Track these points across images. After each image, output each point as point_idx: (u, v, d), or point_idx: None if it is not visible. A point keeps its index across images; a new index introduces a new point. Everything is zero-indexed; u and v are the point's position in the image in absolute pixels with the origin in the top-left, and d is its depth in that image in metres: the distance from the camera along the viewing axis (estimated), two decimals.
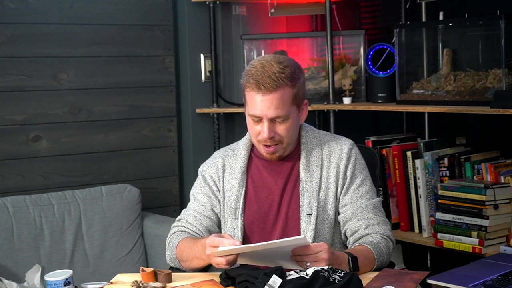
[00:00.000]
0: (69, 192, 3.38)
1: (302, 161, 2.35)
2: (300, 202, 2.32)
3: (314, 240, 2.26)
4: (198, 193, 2.43)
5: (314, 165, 2.34)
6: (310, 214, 2.29)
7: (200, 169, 2.47)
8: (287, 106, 2.26)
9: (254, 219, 2.35)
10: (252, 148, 2.42)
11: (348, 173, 2.35)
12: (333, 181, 2.33)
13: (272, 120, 2.26)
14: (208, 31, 3.77)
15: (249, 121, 2.33)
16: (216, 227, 2.41)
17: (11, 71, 3.36)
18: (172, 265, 2.38)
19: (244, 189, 2.37)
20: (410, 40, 3.39)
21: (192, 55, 3.80)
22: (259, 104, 2.25)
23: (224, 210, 2.38)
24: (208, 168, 2.44)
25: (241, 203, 2.36)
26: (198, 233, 2.38)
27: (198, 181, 2.46)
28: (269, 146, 2.30)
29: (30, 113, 3.41)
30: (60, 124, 3.48)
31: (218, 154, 2.47)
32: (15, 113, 3.37)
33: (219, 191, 2.41)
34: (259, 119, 2.28)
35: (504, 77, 2.95)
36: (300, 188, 2.33)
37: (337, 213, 2.35)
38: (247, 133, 2.43)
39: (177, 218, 2.45)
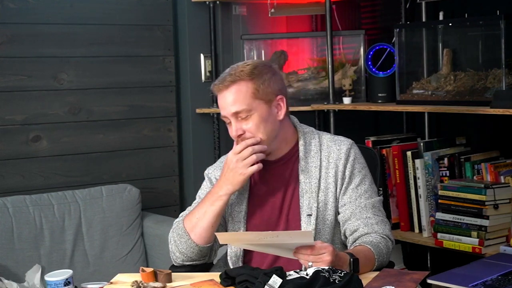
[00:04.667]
0: (69, 192, 3.38)
1: (301, 163, 2.35)
2: (300, 204, 2.33)
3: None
4: (203, 193, 2.44)
5: (313, 166, 2.35)
6: (310, 215, 2.30)
7: (206, 172, 2.50)
8: (247, 100, 2.26)
9: (257, 222, 2.37)
10: None
11: (347, 173, 2.35)
12: (332, 181, 2.34)
13: (236, 118, 2.28)
14: (208, 31, 3.77)
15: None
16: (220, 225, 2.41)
17: (11, 71, 3.36)
18: (177, 252, 2.34)
19: (247, 192, 2.39)
20: (410, 40, 3.39)
21: (192, 55, 3.80)
22: (222, 103, 2.30)
23: (228, 213, 2.40)
24: (214, 171, 2.47)
25: (244, 206, 2.38)
26: None
27: (204, 183, 2.48)
28: None
29: (30, 113, 3.41)
30: (60, 124, 3.48)
31: (224, 159, 2.48)
32: (15, 113, 3.37)
33: None
34: (228, 120, 2.31)
35: (504, 77, 2.94)
36: (300, 190, 2.34)
37: (337, 213, 2.35)
38: None
39: (180, 214, 2.45)
